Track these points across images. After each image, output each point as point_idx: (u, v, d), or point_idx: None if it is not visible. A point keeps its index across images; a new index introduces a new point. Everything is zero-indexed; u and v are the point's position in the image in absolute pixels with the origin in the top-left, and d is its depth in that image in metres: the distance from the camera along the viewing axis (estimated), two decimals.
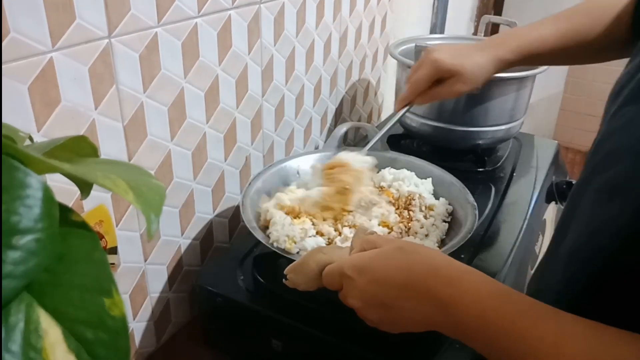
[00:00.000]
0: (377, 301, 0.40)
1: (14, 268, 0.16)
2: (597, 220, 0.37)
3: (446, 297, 0.37)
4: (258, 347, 0.60)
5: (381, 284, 0.40)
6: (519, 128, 0.88)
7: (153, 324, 0.65)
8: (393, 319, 0.40)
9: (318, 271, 0.46)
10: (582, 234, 0.39)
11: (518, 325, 0.33)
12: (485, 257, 0.65)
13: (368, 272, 0.41)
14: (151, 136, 0.57)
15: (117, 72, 0.51)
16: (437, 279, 0.38)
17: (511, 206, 0.76)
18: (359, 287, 0.41)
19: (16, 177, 0.16)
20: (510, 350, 0.33)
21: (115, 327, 0.18)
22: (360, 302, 0.41)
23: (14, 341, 0.16)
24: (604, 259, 0.35)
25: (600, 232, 0.36)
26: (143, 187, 0.19)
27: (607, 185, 0.37)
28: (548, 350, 0.31)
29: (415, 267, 0.39)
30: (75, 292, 0.18)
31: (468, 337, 0.36)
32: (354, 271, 0.42)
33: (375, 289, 0.40)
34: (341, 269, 0.43)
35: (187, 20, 0.57)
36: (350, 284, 0.42)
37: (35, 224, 0.16)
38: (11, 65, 0.41)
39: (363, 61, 1.01)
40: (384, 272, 0.40)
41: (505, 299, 0.35)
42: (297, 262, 0.48)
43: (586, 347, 0.31)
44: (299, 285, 0.47)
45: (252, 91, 0.72)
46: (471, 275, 0.38)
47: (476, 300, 0.36)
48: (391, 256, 0.41)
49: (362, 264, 0.42)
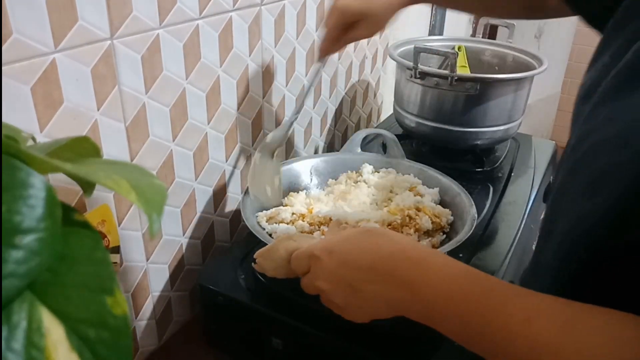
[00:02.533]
0: (345, 283, 0.40)
1: (17, 267, 0.16)
2: (583, 210, 0.37)
3: (412, 278, 0.37)
4: (259, 346, 0.60)
5: (349, 265, 0.40)
6: (517, 129, 0.88)
7: (155, 323, 0.65)
8: (359, 302, 0.40)
9: (287, 257, 0.46)
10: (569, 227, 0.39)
11: (488, 303, 0.33)
12: (483, 256, 0.65)
13: (337, 253, 0.41)
14: (153, 137, 0.57)
15: (119, 73, 0.51)
16: (404, 261, 0.38)
17: (509, 206, 0.76)
18: (328, 269, 0.41)
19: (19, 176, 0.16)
20: (480, 329, 0.33)
21: (117, 325, 0.18)
22: (328, 283, 0.41)
23: (17, 340, 0.16)
24: (591, 248, 0.36)
25: (587, 221, 0.36)
26: (145, 187, 0.19)
27: (591, 177, 0.37)
28: (518, 325, 0.31)
29: (382, 249, 0.39)
30: (78, 291, 0.18)
31: (436, 319, 0.36)
32: (323, 252, 0.42)
33: (343, 271, 0.40)
34: (310, 251, 0.43)
35: (189, 22, 0.57)
36: (319, 265, 0.42)
37: (37, 223, 0.16)
38: (14, 66, 0.42)
39: (362, 62, 1.02)
40: (351, 253, 0.40)
41: (473, 279, 0.35)
42: (266, 247, 0.48)
43: (555, 321, 0.31)
44: (267, 271, 0.48)
45: (252, 92, 0.72)
46: (437, 257, 0.38)
47: (444, 280, 0.36)
48: (359, 239, 0.41)
49: (331, 245, 0.42)
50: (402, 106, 0.90)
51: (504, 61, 0.95)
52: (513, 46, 0.95)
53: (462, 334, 0.35)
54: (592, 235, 0.36)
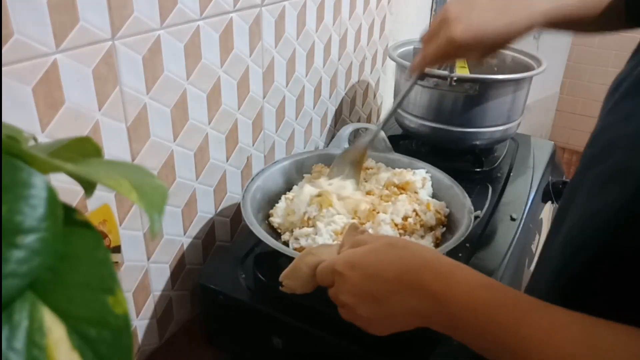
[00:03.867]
0: (369, 296, 0.40)
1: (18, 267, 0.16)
2: (594, 207, 0.37)
3: (438, 290, 0.37)
4: (259, 345, 0.60)
5: (373, 279, 0.40)
6: (516, 129, 0.88)
7: (155, 322, 0.65)
8: (384, 315, 0.40)
9: (311, 273, 0.46)
10: (578, 222, 0.39)
11: (510, 315, 0.33)
12: (482, 256, 0.65)
13: (359, 268, 0.41)
14: (154, 137, 0.57)
15: (121, 73, 0.51)
16: (428, 273, 0.38)
17: (508, 206, 0.76)
18: (350, 283, 0.41)
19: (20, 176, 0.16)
20: (501, 340, 0.33)
21: (118, 325, 0.18)
22: (351, 297, 0.41)
23: (18, 339, 0.16)
24: (598, 245, 0.35)
25: (596, 218, 0.36)
26: (146, 187, 0.19)
27: (604, 174, 0.37)
28: (539, 338, 0.31)
29: (406, 262, 0.40)
30: (79, 291, 0.18)
31: (459, 330, 0.36)
32: (345, 267, 0.42)
33: (367, 284, 0.40)
34: (333, 266, 0.43)
35: (190, 23, 0.57)
36: (341, 280, 0.42)
37: (39, 223, 0.16)
38: (15, 66, 0.42)
39: (362, 63, 1.02)
40: (375, 267, 0.40)
41: (496, 291, 0.36)
42: (289, 268, 0.48)
43: (577, 336, 0.31)
44: (295, 290, 0.47)
45: (253, 92, 0.72)
46: (461, 269, 0.38)
47: (467, 292, 0.36)
48: (382, 251, 0.41)
49: (354, 260, 0.42)
50: (401, 107, 0.90)
51: (503, 62, 0.96)
52: (512, 47, 0.95)
53: (484, 345, 0.35)
54: (598, 235, 0.36)
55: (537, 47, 1.93)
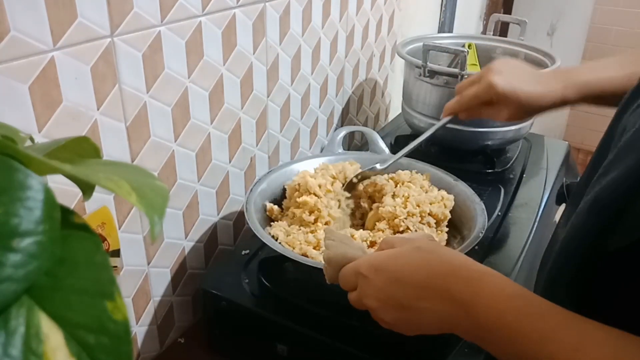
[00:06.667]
0: (395, 301, 0.40)
1: (14, 271, 0.16)
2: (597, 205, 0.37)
3: (466, 298, 0.36)
4: (263, 352, 0.59)
5: (399, 283, 0.40)
6: (528, 129, 0.87)
7: (156, 328, 0.64)
8: (409, 320, 0.40)
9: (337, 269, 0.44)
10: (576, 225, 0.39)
11: (538, 327, 0.33)
12: (495, 259, 0.64)
13: (385, 272, 0.40)
14: (154, 137, 0.56)
15: (120, 71, 0.50)
16: (456, 279, 0.37)
17: (521, 208, 0.75)
18: (376, 287, 0.41)
19: (16, 178, 0.16)
20: (528, 353, 0.33)
21: (117, 331, 0.18)
22: (376, 302, 0.41)
23: (14, 346, 0.16)
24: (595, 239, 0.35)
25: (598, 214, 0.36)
26: (146, 188, 0.19)
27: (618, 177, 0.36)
28: (568, 353, 0.31)
29: (434, 267, 0.39)
30: (77, 296, 0.18)
31: (485, 338, 0.36)
32: (370, 270, 0.41)
33: (393, 289, 0.40)
34: (357, 269, 0.42)
35: (191, 19, 0.57)
36: (366, 283, 0.41)
37: (36, 226, 0.16)
38: (11, 64, 0.41)
39: (370, 60, 1.00)
40: (402, 271, 0.40)
41: (526, 301, 0.35)
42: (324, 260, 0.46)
43: (606, 352, 0.30)
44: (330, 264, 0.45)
45: (257, 91, 0.71)
46: (491, 276, 0.38)
47: (496, 301, 0.35)
48: (409, 256, 0.41)
49: (379, 263, 0.41)
50: (410, 105, 0.89)
51: (516, 59, 0.94)
52: (525, 44, 0.93)
53: (510, 355, 0.35)
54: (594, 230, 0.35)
55: (551, 44, 1.90)
